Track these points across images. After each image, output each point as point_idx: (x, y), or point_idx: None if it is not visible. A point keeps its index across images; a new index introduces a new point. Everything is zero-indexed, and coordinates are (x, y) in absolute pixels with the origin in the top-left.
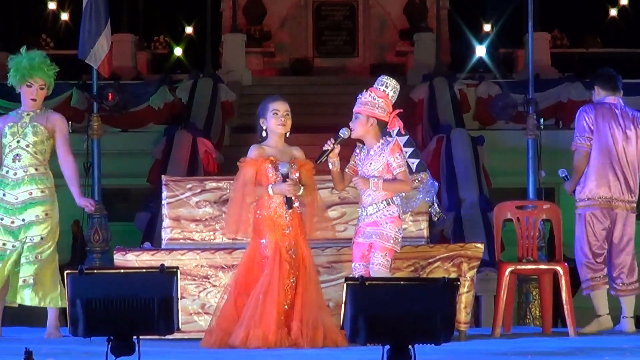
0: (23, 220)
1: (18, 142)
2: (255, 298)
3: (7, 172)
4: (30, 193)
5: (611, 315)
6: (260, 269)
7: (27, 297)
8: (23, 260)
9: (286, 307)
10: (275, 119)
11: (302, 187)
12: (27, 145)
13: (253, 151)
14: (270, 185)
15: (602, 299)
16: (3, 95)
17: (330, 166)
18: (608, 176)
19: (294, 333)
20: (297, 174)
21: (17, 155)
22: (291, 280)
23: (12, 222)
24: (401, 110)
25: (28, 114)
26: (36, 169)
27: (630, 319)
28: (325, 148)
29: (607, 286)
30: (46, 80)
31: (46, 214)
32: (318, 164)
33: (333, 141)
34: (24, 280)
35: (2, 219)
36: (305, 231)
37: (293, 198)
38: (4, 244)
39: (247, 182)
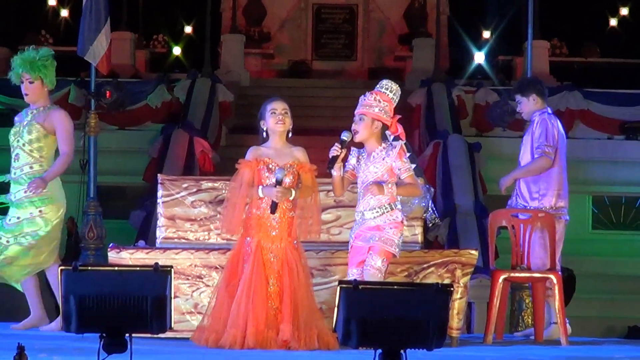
0: (18, 218)
1: (18, 141)
2: (241, 298)
3: (13, 173)
4: (25, 192)
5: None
6: (244, 267)
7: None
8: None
9: (274, 307)
10: (274, 118)
11: (294, 191)
12: (23, 145)
13: (250, 152)
14: (260, 187)
15: None
16: (2, 91)
17: (334, 172)
18: (565, 186)
19: (284, 335)
20: (292, 177)
21: (17, 155)
22: (271, 282)
23: (9, 220)
24: (400, 116)
25: (31, 112)
26: (31, 167)
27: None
28: (333, 154)
29: None
30: (31, 74)
31: (40, 212)
32: (330, 171)
33: (339, 146)
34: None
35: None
36: (297, 235)
37: (279, 204)
38: None
39: (244, 184)
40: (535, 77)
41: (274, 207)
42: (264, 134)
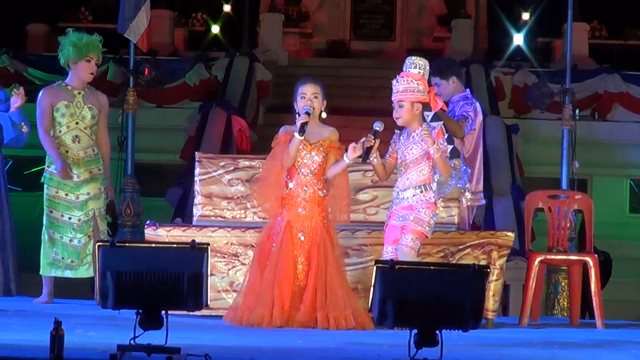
0: (88, 194)
1: (77, 123)
2: (269, 278)
3: (66, 151)
4: (91, 172)
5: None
6: (272, 246)
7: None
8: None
9: (301, 287)
10: (302, 103)
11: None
12: (85, 128)
13: (282, 130)
14: (294, 133)
15: None
16: (39, 67)
17: (374, 161)
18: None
19: (300, 316)
20: (323, 156)
21: (77, 136)
22: (299, 260)
23: (77, 198)
24: (434, 85)
25: (79, 93)
26: (93, 150)
27: None
28: (367, 145)
29: None
30: (99, 57)
31: (104, 189)
32: (367, 162)
33: (372, 137)
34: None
35: (66, 195)
36: (328, 215)
37: (307, 124)
38: (69, 218)
39: (282, 154)
40: (451, 58)
41: (302, 127)
42: (297, 115)
